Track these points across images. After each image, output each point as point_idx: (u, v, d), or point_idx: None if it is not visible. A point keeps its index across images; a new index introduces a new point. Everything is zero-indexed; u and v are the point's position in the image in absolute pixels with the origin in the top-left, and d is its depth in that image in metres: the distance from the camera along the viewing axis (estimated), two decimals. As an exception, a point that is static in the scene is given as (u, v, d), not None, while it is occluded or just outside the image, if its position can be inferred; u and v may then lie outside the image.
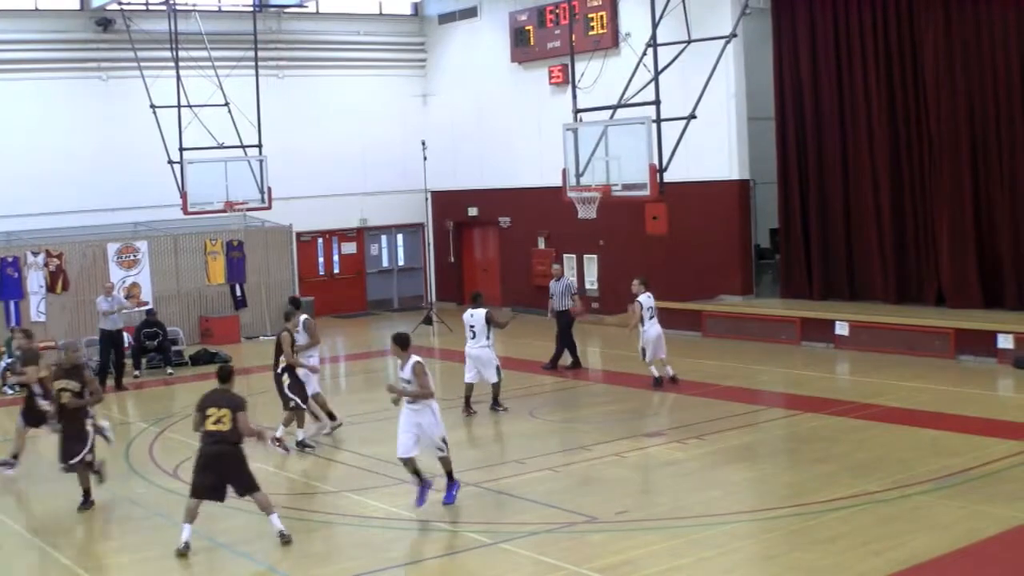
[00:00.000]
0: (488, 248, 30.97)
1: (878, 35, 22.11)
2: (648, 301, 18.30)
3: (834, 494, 11.78)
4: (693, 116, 18.12)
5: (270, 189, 24.67)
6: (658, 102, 18.12)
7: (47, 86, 26.08)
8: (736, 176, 24.13)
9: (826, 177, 23.27)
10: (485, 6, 29.72)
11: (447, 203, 30.75)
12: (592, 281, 27.22)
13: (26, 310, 23.76)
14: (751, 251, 24.77)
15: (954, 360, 19.40)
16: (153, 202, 26.03)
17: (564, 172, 18.90)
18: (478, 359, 16.52)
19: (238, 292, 26.73)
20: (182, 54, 24.34)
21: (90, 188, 25.93)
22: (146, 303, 24.43)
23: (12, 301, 23.62)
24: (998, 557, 9.96)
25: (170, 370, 22.29)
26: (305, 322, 15.74)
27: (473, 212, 30.57)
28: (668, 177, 18.00)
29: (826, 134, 23.20)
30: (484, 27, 29.77)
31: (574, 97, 19.61)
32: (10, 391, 20.29)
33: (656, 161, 17.71)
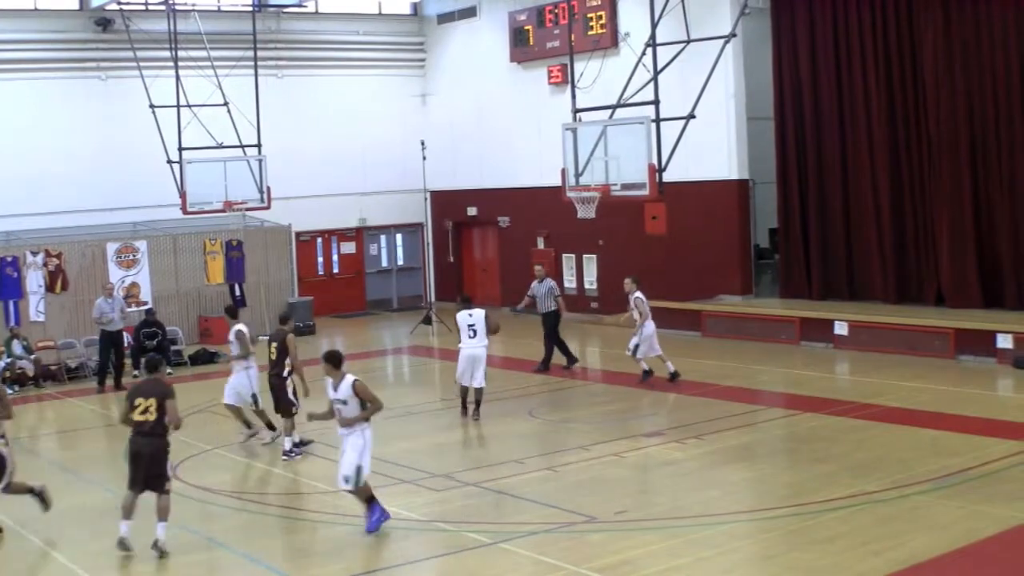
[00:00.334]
0: (487, 248, 30.97)
1: (877, 35, 22.12)
2: (643, 298, 18.42)
3: (833, 494, 11.78)
4: (692, 116, 18.11)
5: (269, 189, 24.67)
6: (657, 102, 18.11)
7: (46, 86, 26.08)
8: (735, 176, 24.13)
9: (825, 177, 23.27)
10: (484, 6, 29.72)
11: (446, 203, 30.75)
12: (591, 281, 27.22)
13: (25, 310, 23.74)
14: (750, 251, 24.77)
15: (954, 360, 19.40)
16: (152, 202, 26.02)
17: (563, 172, 18.89)
18: (476, 359, 16.43)
19: (237, 292, 26.73)
20: (181, 54, 24.34)
21: (89, 188, 25.93)
22: (145, 303, 24.44)
23: (11, 301, 23.58)
24: (997, 557, 9.96)
25: (169, 370, 22.00)
26: (238, 332, 15.45)
27: (472, 212, 30.57)
28: (667, 177, 18.00)
29: (825, 134, 23.20)
30: (483, 27, 29.77)
31: (573, 97, 19.60)
32: (9, 391, 20.31)
33: (655, 161, 17.70)
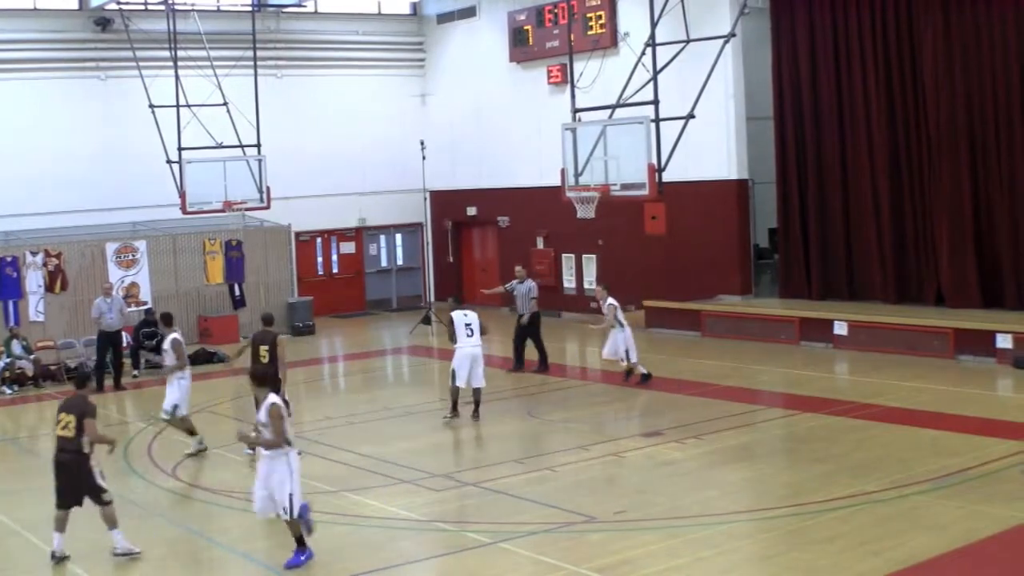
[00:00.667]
0: (487, 248, 30.96)
1: (877, 35, 22.11)
2: (617, 304, 18.76)
3: (832, 494, 11.77)
4: (692, 116, 18.09)
5: (269, 189, 24.64)
6: (657, 102, 18.09)
7: (46, 86, 26.06)
8: (735, 176, 24.12)
9: (825, 177, 23.26)
10: (484, 6, 29.71)
11: (446, 203, 30.74)
12: (591, 281, 27.19)
13: (25, 310, 23.74)
14: (750, 251, 24.77)
15: (953, 360, 19.39)
16: (152, 202, 26.01)
17: (563, 172, 18.87)
18: (476, 358, 16.45)
19: (237, 292, 26.73)
20: (181, 54, 24.31)
21: (89, 188, 25.91)
22: (145, 303, 24.43)
23: (11, 301, 23.58)
24: (996, 557, 9.96)
25: (169, 370, 22.21)
26: (173, 342, 14.89)
27: (472, 212, 30.57)
28: (667, 177, 17.98)
29: (825, 134, 23.20)
30: (483, 27, 29.76)
31: (573, 97, 19.58)
32: (8, 391, 20.32)
33: (655, 161, 17.68)
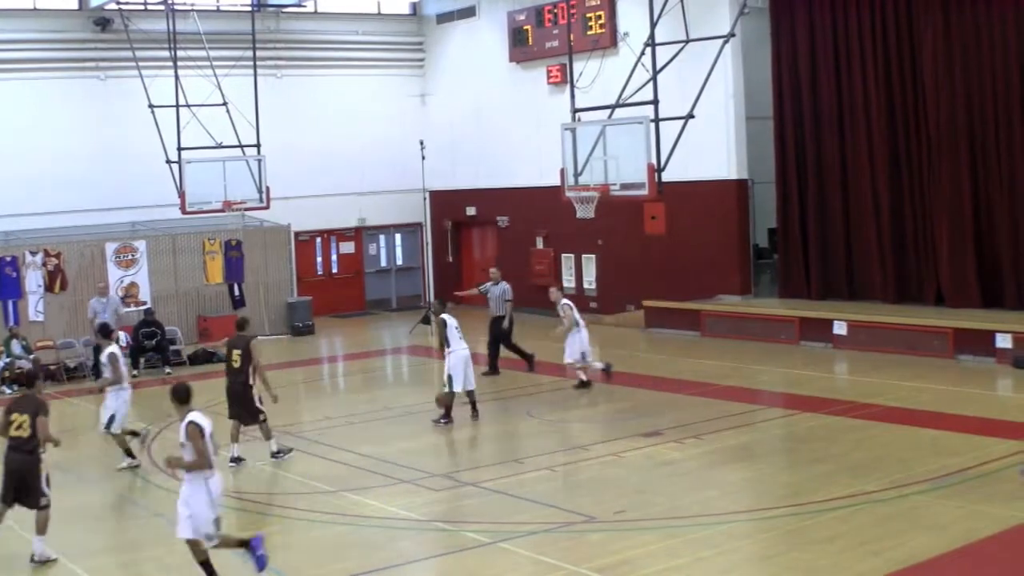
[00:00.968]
0: (486, 248, 30.95)
1: (876, 35, 22.11)
2: (571, 304, 18.96)
3: (832, 494, 11.77)
4: (691, 116, 18.08)
5: (268, 188, 24.63)
6: (656, 102, 18.08)
7: (45, 86, 26.05)
8: (734, 176, 24.11)
9: (825, 176, 23.25)
10: (483, 6, 29.70)
11: (445, 203, 30.74)
12: (591, 281, 27.21)
13: (24, 309, 23.72)
14: (749, 251, 24.77)
15: (953, 360, 19.38)
16: (151, 202, 26.01)
17: (562, 172, 18.87)
18: (469, 360, 16.51)
19: (236, 292, 26.72)
20: (180, 54, 24.30)
21: (88, 188, 25.90)
22: (144, 303, 24.43)
23: (10, 301, 23.57)
24: (996, 557, 9.96)
25: (168, 370, 22.25)
26: (110, 356, 14.42)
27: (471, 212, 30.57)
28: (666, 177, 17.97)
29: (825, 133, 23.19)
30: (482, 27, 29.76)
31: (572, 97, 19.57)
32: (8, 391, 20.31)
33: (654, 161, 17.67)
